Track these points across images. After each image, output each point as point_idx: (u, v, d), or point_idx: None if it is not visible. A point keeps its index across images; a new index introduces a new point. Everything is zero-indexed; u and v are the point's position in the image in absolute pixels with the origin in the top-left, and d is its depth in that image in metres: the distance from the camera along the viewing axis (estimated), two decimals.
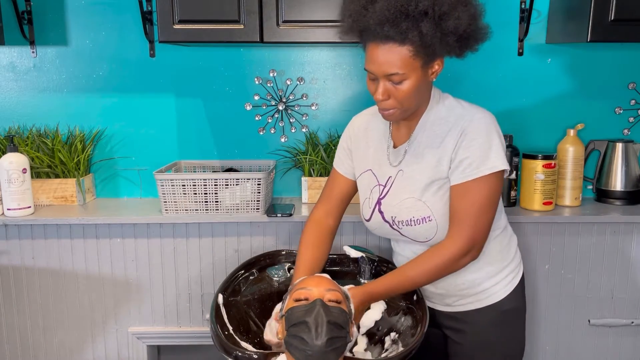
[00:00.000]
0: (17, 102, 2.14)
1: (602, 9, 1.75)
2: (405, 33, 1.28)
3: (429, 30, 1.28)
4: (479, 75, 2.09)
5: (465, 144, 1.39)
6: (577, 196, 2.06)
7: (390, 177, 1.50)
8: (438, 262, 1.41)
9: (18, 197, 1.93)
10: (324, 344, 1.20)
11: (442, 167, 1.43)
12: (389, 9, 1.27)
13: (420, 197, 1.45)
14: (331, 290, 1.32)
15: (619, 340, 2.04)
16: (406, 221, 1.47)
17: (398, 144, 1.51)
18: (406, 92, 1.35)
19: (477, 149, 1.38)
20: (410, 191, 1.46)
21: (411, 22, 1.28)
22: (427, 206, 1.44)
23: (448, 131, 1.42)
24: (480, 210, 1.39)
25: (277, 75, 2.13)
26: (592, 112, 2.14)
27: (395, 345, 1.46)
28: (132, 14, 2.06)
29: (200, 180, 1.92)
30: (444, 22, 1.29)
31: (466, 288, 1.53)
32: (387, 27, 1.29)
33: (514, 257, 1.58)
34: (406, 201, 1.46)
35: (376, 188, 1.53)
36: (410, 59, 1.31)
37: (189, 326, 2.04)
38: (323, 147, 2.11)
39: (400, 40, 1.30)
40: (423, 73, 1.35)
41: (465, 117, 1.41)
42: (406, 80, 1.34)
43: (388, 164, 1.51)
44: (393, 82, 1.35)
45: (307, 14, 1.80)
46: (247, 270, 1.71)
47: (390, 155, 1.52)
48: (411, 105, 1.39)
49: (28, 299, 2.02)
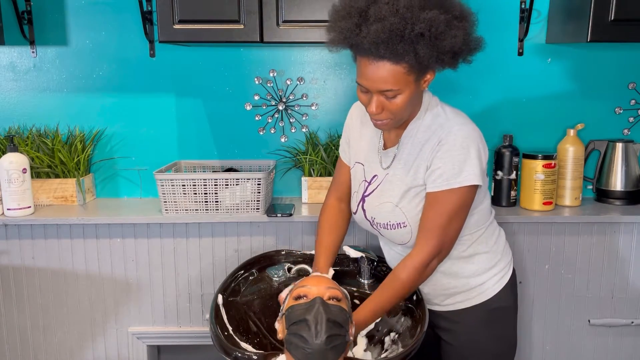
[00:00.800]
0: (17, 102, 2.14)
1: (602, 9, 1.75)
2: (401, 56, 1.27)
3: (425, 52, 1.27)
4: (479, 75, 2.09)
5: (440, 154, 1.39)
6: (577, 196, 2.05)
7: (376, 177, 1.52)
8: (410, 274, 1.41)
9: (18, 197, 1.93)
10: (323, 342, 1.20)
11: (419, 175, 1.43)
12: (384, 31, 1.24)
13: (398, 204, 1.46)
14: (331, 289, 1.33)
15: (619, 340, 2.04)
16: (383, 224, 1.50)
17: (388, 146, 1.52)
18: (400, 106, 1.35)
19: (449, 160, 1.38)
20: (389, 196, 1.48)
21: (407, 44, 1.25)
22: (402, 212, 1.46)
23: (427, 140, 1.42)
24: (448, 221, 1.40)
25: (277, 75, 2.13)
26: (592, 112, 2.14)
27: (395, 346, 1.46)
28: (132, 14, 2.06)
29: (200, 180, 1.92)
30: (439, 42, 1.27)
31: (452, 287, 1.54)
32: (382, 48, 1.26)
33: (503, 255, 1.58)
34: (385, 205, 1.49)
35: (363, 183, 1.55)
36: (404, 76, 1.30)
37: (189, 326, 2.04)
38: (323, 147, 2.11)
39: (396, 61, 1.28)
40: (416, 86, 1.35)
41: (445, 127, 1.40)
42: (400, 94, 1.33)
43: (378, 163, 1.53)
44: (386, 97, 1.34)
45: (307, 14, 1.80)
46: (247, 270, 1.71)
47: (381, 156, 1.53)
48: (404, 116, 1.40)
49: (28, 299, 2.02)
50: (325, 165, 2.10)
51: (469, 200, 1.42)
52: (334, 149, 2.11)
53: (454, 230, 1.43)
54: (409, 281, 1.42)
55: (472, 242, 1.51)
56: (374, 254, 1.70)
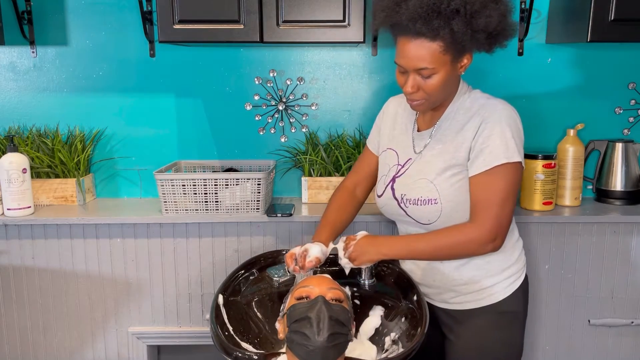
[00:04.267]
0: (17, 102, 2.14)
1: (602, 9, 1.75)
2: (437, 30, 1.30)
3: (460, 28, 1.30)
4: (479, 75, 2.09)
5: (486, 132, 1.40)
6: (577, 196, 2.06)
7: (410, 159, 1.54)
8: (461, 238, 1.41)
9: (18, 197, 1.93)
10: (325, 340, 1.20)
11: (460, 154, 1.44)
12: (421, 7, 1.29)
13: (433, 180, 1.47)
14: (332, 289, 1.33)
15: (619, 340, 2.04)
16: (414, 199, 1.49)
17: (422, 129, 1.54)
18: (435, 86, 1.38)
19: (497, 137, 1.39)
20: (425, 173, 1.49)
21: (443, 20, 1.30)
22: (436, 189, 1.46)
23: (469, 120, 1.44)
24: (503, 200, 1.40)
25: (277, 75, 2.13)
26: (592, 112, 2.14)
27: (396, 346, 1.46)
28: (132, 14, 2.06)
29: (200, 180, 1.92)
30: (475, 20, 1.31)
31: (464, 284, 1.53)
32: (419, 24, 1.30)
33: (517, 260, 1.57)
34: (419, 181, 1.49)
35: (395, 167, 1.57)
36: (440, 55, 1.34)
37: (189, 326, 2.04)
38: (323, 147, 2.11)
39: (432, 37, 1.32)
40: (452, 67, 1.38)
41: (487, 107, 1.43)
42: (435, 74, 1.36)
43: (411, 147, 1.55)
44: (422, 76, 1.37)
45: (307, 14, 1.80)
46: (247, 270, 1.71)
47: (415, 139, 1.55)
48: (439, 98, 1.43)
49: (28, 299, 2.02)
50: (325, 165, 2.10)
51: (518, 179, 1.42)
52: (334, 149, 2.11)
53: (508, 212, 1.42)
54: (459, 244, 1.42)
55: None
56: None
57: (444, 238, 1.44)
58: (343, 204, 1.68)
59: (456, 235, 1.43)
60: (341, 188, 1.71)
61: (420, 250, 1.46)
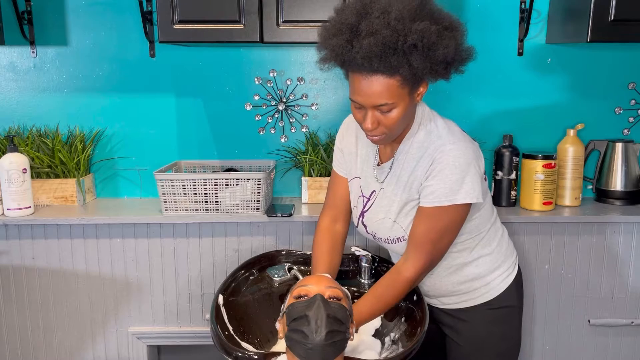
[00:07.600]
0: (17, 102, 2.14)
1: (602, 9, 1.75)
2: (395, 68, 1.26)
3: (419, 63, 1.26)
4: (479, 75, 2.09)
5: (434, 174, 1.39)
6: (577, 196, 2.06)
7: (374, 192, 1.53)
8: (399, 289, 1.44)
9: (18, 197, 1.93)
10: (323, 338, 1.20)
11: (414, 190, 1.44)
12: (376, 45, 1.24)
13: (395, 219, 1.48)
14: (331, 288, 1.33)
15: (618, 340, 2.04)
16: (384, 239, 1.52)
17: (383, 161, 1.52)
18: (395, 119, 1.34)
19: (441, 180, 1.37)
20: (386, 212, 1.49)
21: (400, 56, 1.25)
22: (401, 227, 1.47)
23: (421, 157, 1.42)
24: (439, 237, 1.42)
25: (277, 75, 2.13)
26: (592, 112, 2.14)
27: (395, 346, 1.46)
28: (132, 14, 2.06)
29: (200, 180, 1.92)
30: (432, 52, 1.27)
31: (457, 290, 1.56)
32: (375, 62, 1.25)
33: (507, 255, 1.59)
34: (384, 221, 1.50)
35: (361, 199, 1.56)
36: (398, 89, 1.30)
37: (189, 326, 2.04)
38: (323, 147, 2.11)
39: (390, 74, 1.28)
40: (410, 99, 1.34)
41: (438, 146, 1.40)
42: (395, 108, 1.33)
43: (374, 178, 1.53)
44: (382, 111, 1.33)
45: (307, 14, 1.80)
46: (247, 270, 1.71)
47: (376, 170, 1.53)
48: (399, 130, 1.40)
49: (28, 299, 2.02)
50: (325, 165, 2.10)
51: (461, 218, 1.43)
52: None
53: (445, 245, 1.45)
54: (399, 295, 1.45)
55: (474, 245, 1.52)
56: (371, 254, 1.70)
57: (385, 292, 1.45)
58: (327, 249, 1.60)
59: (395, 285, 1.44)
60: (321, 231, 1.63)
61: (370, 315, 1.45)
